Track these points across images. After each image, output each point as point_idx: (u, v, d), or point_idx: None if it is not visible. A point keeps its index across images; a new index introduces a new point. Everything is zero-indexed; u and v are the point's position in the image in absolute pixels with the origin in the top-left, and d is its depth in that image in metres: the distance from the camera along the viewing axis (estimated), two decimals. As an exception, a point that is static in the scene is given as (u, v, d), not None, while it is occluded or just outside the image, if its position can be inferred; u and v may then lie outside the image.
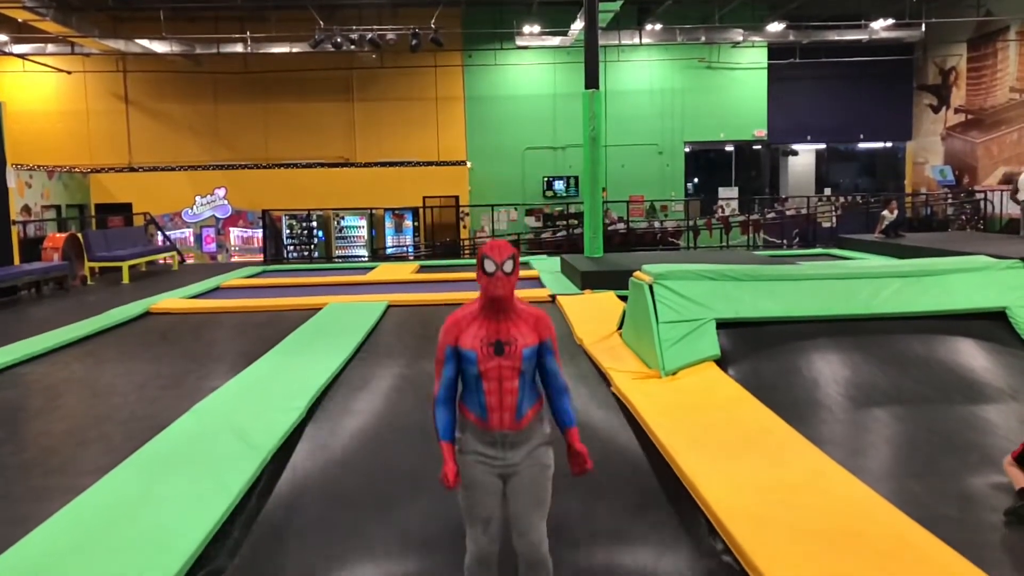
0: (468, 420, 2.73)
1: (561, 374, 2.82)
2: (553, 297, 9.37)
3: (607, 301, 8.60)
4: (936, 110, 22.09)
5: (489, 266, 2.65)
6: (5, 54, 18.49)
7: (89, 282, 12.52)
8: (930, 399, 4.82)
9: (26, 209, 15.95)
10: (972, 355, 5.36)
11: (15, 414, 5.30)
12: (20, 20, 16.23)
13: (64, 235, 12.28)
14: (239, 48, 19.18)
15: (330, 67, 20.81)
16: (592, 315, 7.86)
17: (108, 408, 5.27)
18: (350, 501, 3.63)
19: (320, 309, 8.86)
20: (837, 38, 20.53)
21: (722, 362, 5.42)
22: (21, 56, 19.16)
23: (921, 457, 4.02)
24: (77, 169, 19.59)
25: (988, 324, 5.67)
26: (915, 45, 22.01)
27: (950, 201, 20.02)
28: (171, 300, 9.88)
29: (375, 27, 17.77)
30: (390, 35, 17.45)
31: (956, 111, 21.29)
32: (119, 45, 18.44)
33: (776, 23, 19.51)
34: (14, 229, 11.99)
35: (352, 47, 17.74)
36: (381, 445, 4.46)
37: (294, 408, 4.77)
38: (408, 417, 4.94)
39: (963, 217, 18.80)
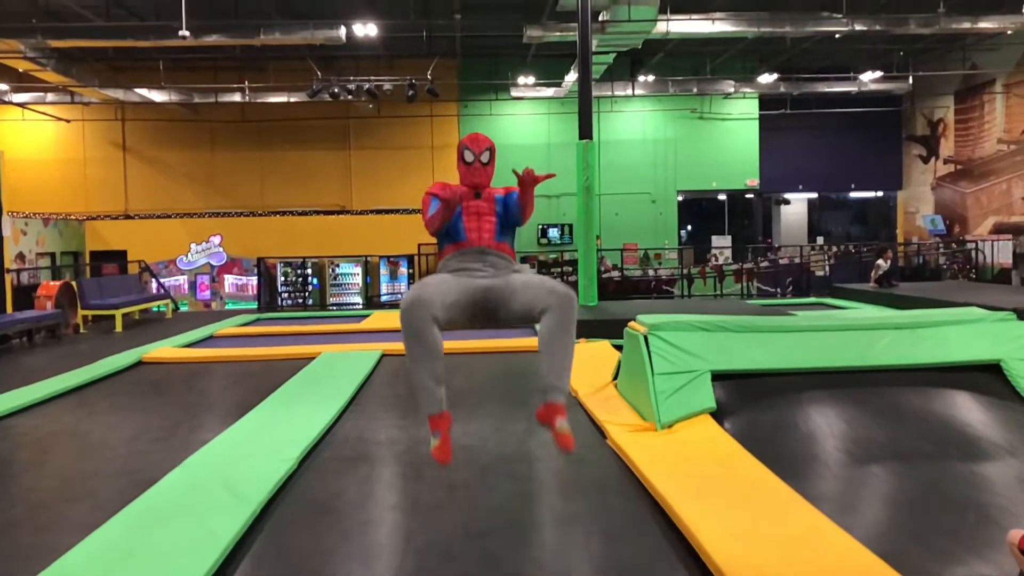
0: (448, 251, 3.16)
1: None
2: (548, 346, 9.35)
3: (602, 351, 8.59)
4: (925, 160, 22.40)
5: (468, 156, 3.17)
6: (5, 103, 18.67)
7: (82, 330, 12.47)
8: (927, 454, 4.79)
9: (20, 256, 15.95)
10: (968, 409, 5.35)
11: (3, 468, 5.23)
12: (21, 70, 16.42)
13: (58, 283, 12.26)
14: (237, 97, 19.41)
15: (327, 116, 21.07)
16: (587, 365, 7.83)
17: (98, 462, 5.20)
18: (336, 561, 3.58)
19: (314, 358, 8.83)
20: (827, 90, 20.91)
21: (717, 414, 5.39)
22: (21, 105, 19.35)
23: (918, 515, 3.98)
24: (73, 216, 19.65)
25: (983, 376, 5.67)
26: (903, 97, 22.41)
27: (942, 250, 20.18)
28: (164, 349, 9.84)
29: (372, 78, 18.03)
30: (387, 86, 17.70)
31: (945, 161, 21.59)
32: (118, 94, 18.66)
33: (767, 75, 19.86)
34: (8, 277, 11.97)
35: (349, 97, 17.97)
36: (369, 502, 4.41)
37: (284, 459, 4.73)
38: (398, 475, 4.90)
39: (955, 266, 18.93)
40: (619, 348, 7.06)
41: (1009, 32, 16.28)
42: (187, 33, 13.20)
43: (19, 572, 3.28)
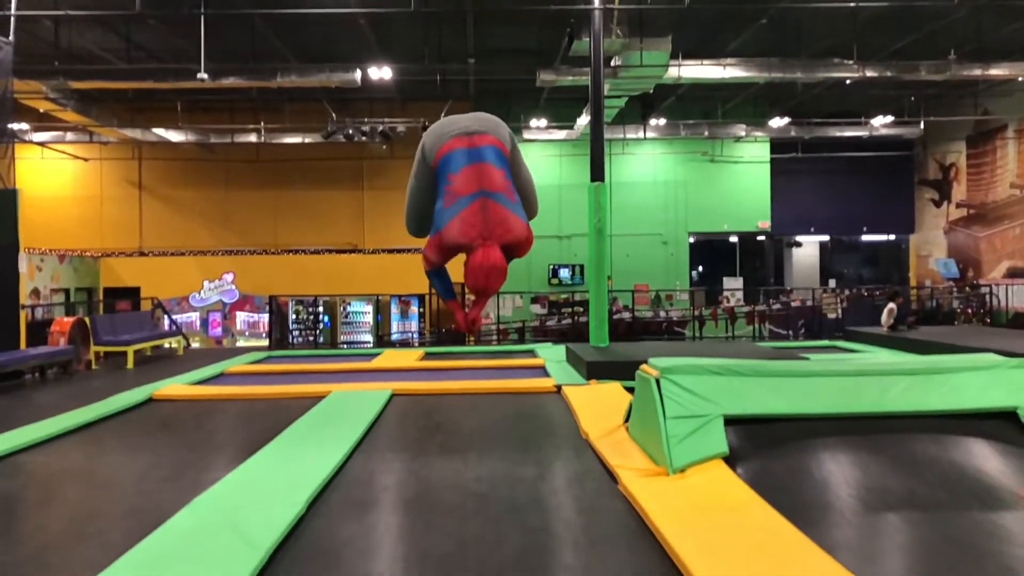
0: None
1: None
2: (559, 388, 9.31)
3: (613, 393, 8.53)
4: (938, 204, 22.40)
5: None
6: (25, 142, 19.00)
7: (94, 366, 12.51)
8: (943, 503, 4.72)
9: (35, 292, 16.09)
10: (985, 457, 5.28)
11: (12, 506, 5.22)
12: (42, 110, 16.72)
13: (71, 319, 12.33)
14: (252, 138, 19.68)
15: (341, 157, 21.31)
16: (598, 407, 7.79)
17: (106, 501, 5.18)
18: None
19: (324, 397, 8.80)
20: (838, 134, 21.01)
21: (730, 460, 5.33)
22: (41, 144, 19.68)
23: (936, 565, 3.91)
24: (88, 253, 19.84)
25: (999, 424, 5.59)
26: (915, 141, 22.48)
27: (955, 294, 20.08)
28: (174, 387, 9.84)
29: (386, 120, 18.26)
30: (400, 127, 17.92)
31: (958, 205, 21.59)
32: (136, 134, 18.96)
33: (778, 119, 19.99)
34: (23, 313, 12.05)
35: (363, 138, 18.18)
36: (379, 552, 4.37)
37: (294, 503, 4.69)
38: (407, 523, 4.85)
39: (969, 310, 18.82)
40: (630, 390, 7.00)
41: (1021, 79, 16.37)
42: (205, 76, 13.44)
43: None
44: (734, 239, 23.29)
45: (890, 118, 19.94)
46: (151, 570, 3.73)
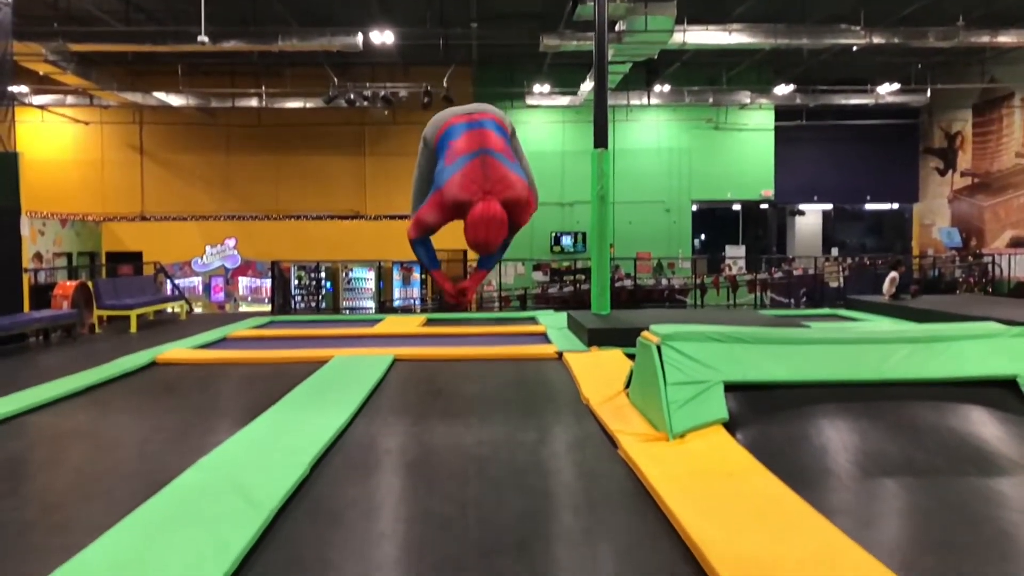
0: None
1: None
2: (560, 354, 9.34)
3: (614, 359, 8.56)
4: (942, 173, 22.30)
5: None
6: (25, 105, 18.87)
7: (97, 330, 12.56)
8: (942, 469, 4.76)
9: (38, 256, 16.09)
10: (984, 424, 5.31)
11: (19, 466, 5.27)
12: (41, 73, 16.59)
13: (74, 283, 12.35)
14: (254, 102, 19.54)
15: (342, 122, 21.18)
16: (599, 374, 7.83)
17: (111, 462, 5.23)
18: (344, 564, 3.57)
19: (326, 362, 8.84)
20: (843, 102, 20.84)
21: (730, 426, 5.36)
22: (41, 107, 19.55)
23: (934, 530, 3.95)
24: (90, 217, 19.81)
25: (999, 392, 5.62)
26: (921, 109, 22.30)
27: (958, 263, 20.06)
28: (178, 350, 9.88)
29: (388, 85, 18.12)
30: (402, 92, 17.79)
31: (962, 174, 21.48)
32: (136, 98, 18.83)
33: (783, 86, 19.81)
34: (25, 276, 12.07)
35: (365, 103, 18.05)
36: (381, 513, 4.41)
37: (297, 464, 4.73)
38: (409, 486, 4.90)
39: (971, 279, 18.81)
40: (631, 357, 7.03)
41: (1028, 46, 16.19)
42: (206, 39, 13.31)
43: (34, 572, 3.30)
44: (737, 207, 23.21)
45: (896, 86, 19.76)
46: (156, 530, 3.77)
